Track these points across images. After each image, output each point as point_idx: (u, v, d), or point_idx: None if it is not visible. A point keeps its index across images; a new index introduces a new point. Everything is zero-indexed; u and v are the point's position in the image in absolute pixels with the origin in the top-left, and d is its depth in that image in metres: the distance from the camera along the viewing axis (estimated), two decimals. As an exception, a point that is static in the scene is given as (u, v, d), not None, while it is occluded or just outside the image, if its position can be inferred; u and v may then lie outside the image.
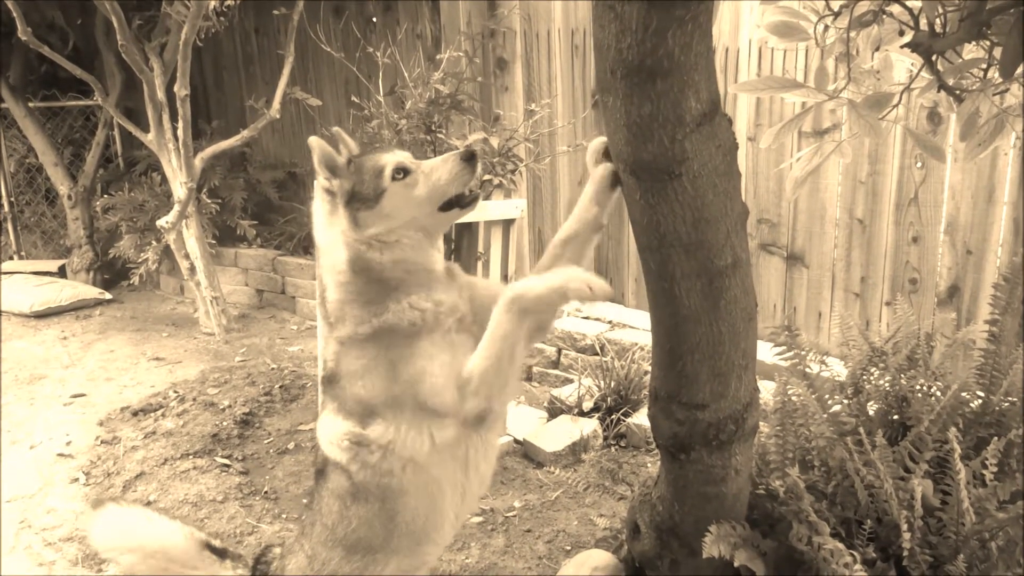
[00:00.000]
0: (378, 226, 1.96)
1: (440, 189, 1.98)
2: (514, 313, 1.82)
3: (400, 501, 1.96)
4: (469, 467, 1.99)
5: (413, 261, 1.98)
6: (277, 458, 4.39)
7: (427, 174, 2.00)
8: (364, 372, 1.94)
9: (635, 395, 4.65)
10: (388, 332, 1.93)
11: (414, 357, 1.91)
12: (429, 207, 1.99)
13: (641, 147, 1.57)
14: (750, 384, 1.92)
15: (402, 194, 1.97)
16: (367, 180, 1.99)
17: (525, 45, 5.84)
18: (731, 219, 1.69)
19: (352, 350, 1.96)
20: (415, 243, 1.99)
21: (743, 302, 1.78)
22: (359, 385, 1.95)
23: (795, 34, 2.39)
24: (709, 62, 1.53)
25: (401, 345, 1.92)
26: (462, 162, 1.99)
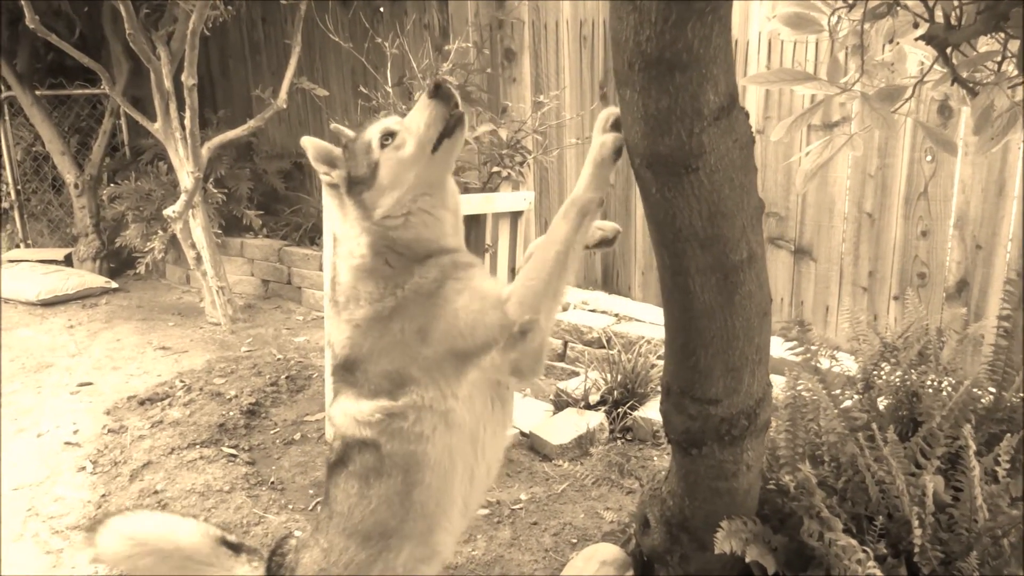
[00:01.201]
0: (384, 202, 1.94)
1: (424, 136, 1.94)
2: (572, 216, 1.84)
3: (420, 473, 1.95)
4: (477, 446, 1.98)
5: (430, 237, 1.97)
6: (283, 448, 4.40)
7: (409, 127, 1.97)
8: (391, 347, 1.92)
9: (641, 388, 4.65)
10: (413, 299, 1.92)
11: (444, 303, 1.90)
12: (423, 156, 1.94)
13: (658, 140, 1.55)
14: (763, 379, 1.92)
15: (394, 159, 1.94)
16: (360, 159, 1.98)
17: (533, 36, 5.81)
18: (747, 213, 1.68)
19: (373, 329, 1.94)
20: (429, 211, 1.97)
21: (758, 297, 1.77)
22: (386, 361, 1.93)
23: (808, 26, 2.37)
24: (728, 55, 1.52)
25: (428, 304, 1.91)
26: (432, 100, 1.95)
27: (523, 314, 1.85)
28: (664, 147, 1.56)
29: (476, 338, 1.88)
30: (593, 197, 1.87)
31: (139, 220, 7.03)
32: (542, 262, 1.87)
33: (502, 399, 2.02)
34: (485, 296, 1.90)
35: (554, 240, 1.87)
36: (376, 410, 1.93)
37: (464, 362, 1.91)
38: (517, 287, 1.89)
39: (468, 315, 1.88)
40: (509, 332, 1.86)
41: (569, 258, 1.87)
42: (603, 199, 1.89)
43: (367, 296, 1.95)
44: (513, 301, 1.87)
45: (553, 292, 1.88)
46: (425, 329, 1.90)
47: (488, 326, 1.87)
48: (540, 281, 1.86)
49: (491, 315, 1.87)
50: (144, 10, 6.42)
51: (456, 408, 1.92)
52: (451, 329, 1.88)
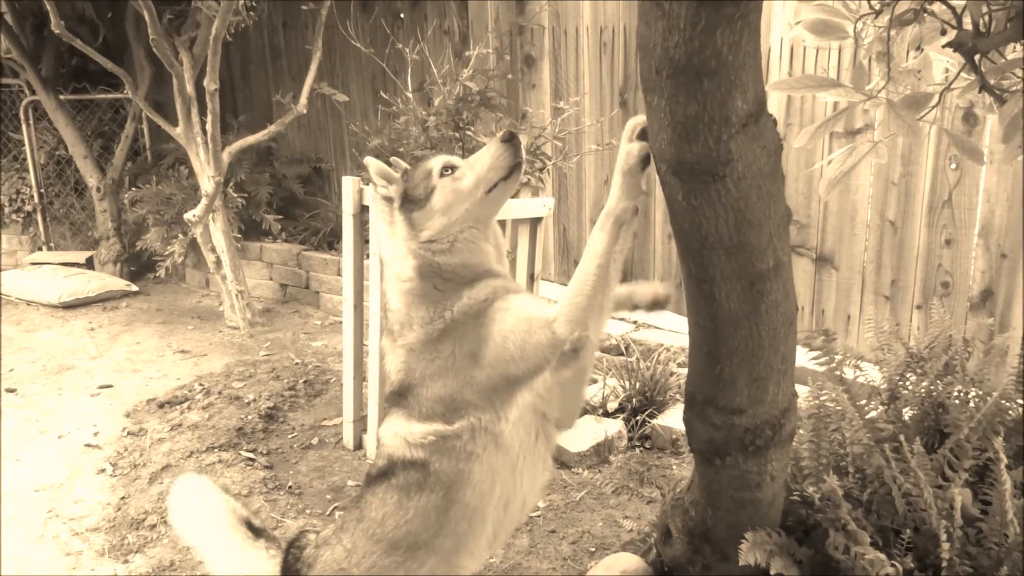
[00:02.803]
0: (432, 225, 2.01)
1: (486, 175, 2.02)
2: (609, 228, 1.86)
3: (461, 491, 1.97)
4: (516, 474, 1.99)
5: (474, 263, 2.02)
6: (301, 453, 4.40)
7: (472, 165, 2.06)
8: (443, 371, 1.95)
9: (660, 396, 4.62)
10: (462, 321, 1.95)
11: (492, 325, 1.92)
12: (478, 194, 2.02)
13: (685, 147, 1.54)
14: (788, 389, 1.89)
15: (451, 188, 2.02)
16: (418, 182, 2.07)
17: (553, 42, 5.81)
18: (774, 222, 1.66)
19: (425, 353, 1.98)
20: (472, 242, 2.02)
21: (784, 306, 1.75)
22: (439, 385, 1.96)
23: (833, 32, 2.35)
24: (757, 61, 1.50)
25: (477, 325, 1.94)
26: (503, 144, 2.03)
27: (572, 331, 1.87)
28: (691, 154, 1.54)
29: (527, 360, 1.90)
30: (627, 206, 1.86)
31: (160, 224, 7.08)
32: (584, 278, 1.88)
33: (546, 435, 2.03)
34: (532, 318, 1.92)
35: (594, 254, 1.88)
36: (429, 433, 1.96)
37: (516, 385, 1.93)
38: (563, 305, 1.90)
39: (517, 337, 1.90)
40: (560, 351, 1.88)
41: (611, 270, 1.88)
42: (637, 207, 1.89)
43: (419, 320, 1.99)
44: (561, 320, 1.88)
45: (599, 306, 1.89)
46: (476, 353, 1.92)
47: (538, 347, 1.89)
48: (585, 296, 1.87)
49: (540, 335, 1.89)
50: (167, 15, 6.48)
51: (507, 431, 1.94)
52: (502, 353, 1.91)
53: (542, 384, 1.92)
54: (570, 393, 2.02)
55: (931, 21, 1.99)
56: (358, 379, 4.37)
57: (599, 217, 1.89)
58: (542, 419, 2.01)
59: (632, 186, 1.85)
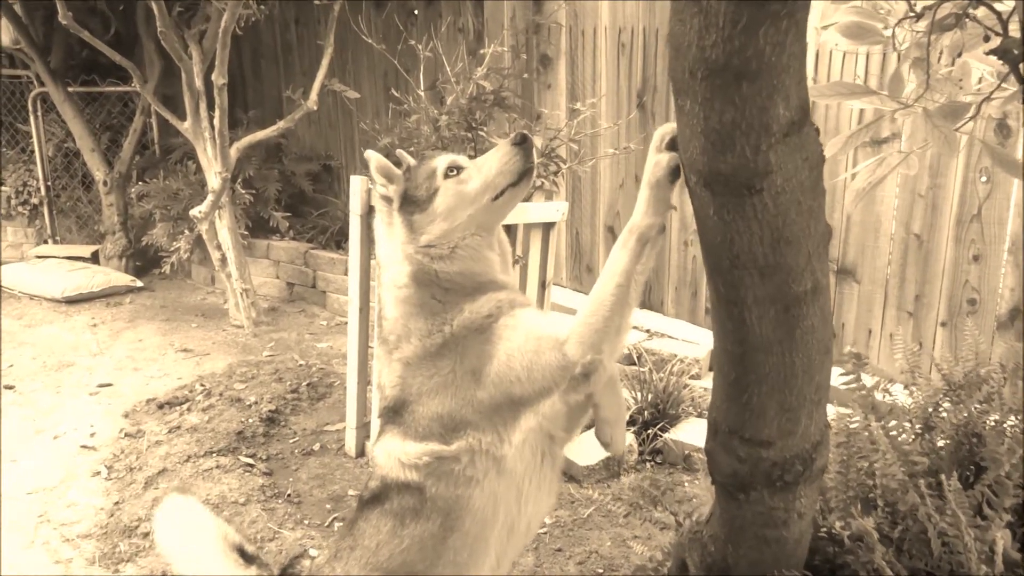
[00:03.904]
0: (433, 229, 1.87)
1: (494, 180, 1.89)
2: (632, 245, 1.72)
3: (460, 519, 1.83)
4: (521, 499, 1.86)
5: (477, 272, 1.88)
6: (302, 459, 4.28)
7: (479, 168, 1.92)
8: (442, 388, 1.81)
9: (673, 409, 4.47)
10: (463, 336, 1.81)
11: (497, 342, 1.79)
12: (483, 200, 1.88)
13: (719, 157, 1.40)
14: (821, 421, 1.75)
15: (455, 191, 1.89)
16: (421, 182, 1.93)
17: (570, 42, 5.67)
18: (814, 240, 1.51)
19: (422, 368, 1.84)
20: (475, 249, 1.88)
21: (820, 332, 1.61)
22: (437, 403, 1.82)
23: (868, 36, 2.21)
24: (802, 64, 1.36)
25: (480, 342, 1.80)
26: (513, 147, 1.89)
27: (584, 354, 1.72)
28: (726, 165, 1.40)
29: (534, 382, 1.75)
30: (653, 222, 1.72)
31: (166, 219, 6.97)
32: (602, 297, 1.74)
33: (552, 457, 1.89)
34: (541, 336, 1.78)
35: (613, 272, 1.74)
36: (425, 454, 1.82)
37: (521, 407, 1.79)
38: (576, 325, 1.76)
39: (523, 357, 1.76)
40: (570, 375, 1.73)
41: (631, 291, 1.74)
42: (664, 224, 1.74)
43: (417, 332, 1.85)
44: (572, 341, 1.74)
45: (616, 329, 1.75)
46: (478, 371, 1.78)
47: (546, 368, 1.74)
48: (601, 318, 1.73)
49: (549, 357, 1.74)
50: (177, 8, 6.37)
51: (509, 455, 1.80)
52: (506, 372, 1.76)
53: (549, 408, 1.78)
54: (579, 415, 1.88)
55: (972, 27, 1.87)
56: (362, 383, 4.24)
57: (621, 233, 1.75)
58: (548, 440, 1.87)
59: (660, 201, 1.70)
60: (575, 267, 6.00)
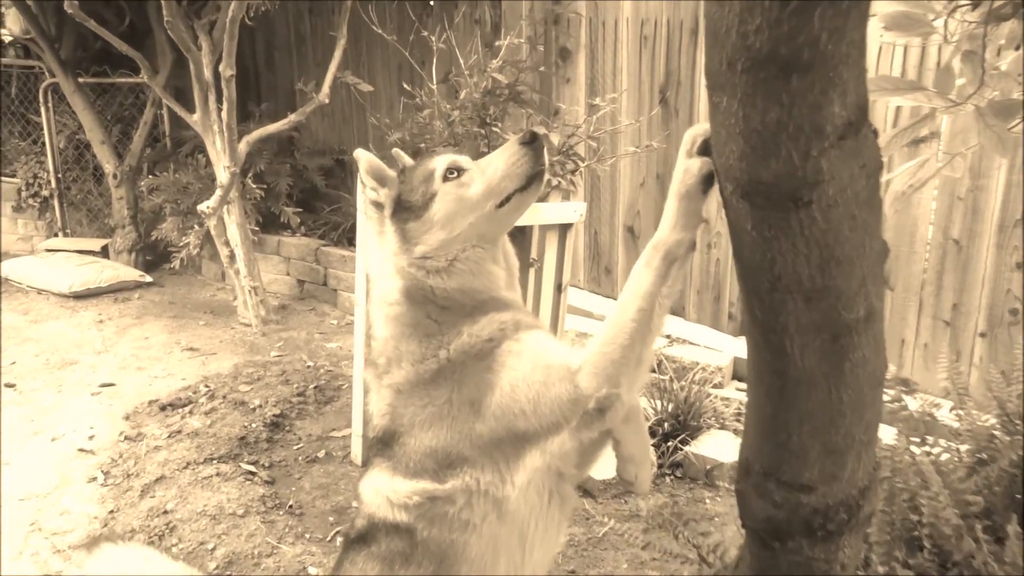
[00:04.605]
0: (429, 239, 1.66)
1: (498, 184, 1.66)
2: (656, 264, 1.50)
3: (456, 567, 1.63)
4: (526, 545, 1.65)
5: (478, 289, 1.67)
6: (305, 467, 4.11)
7: (483, 170, 1.70)
8: (435, 419, 1.61)
9: (695, 421, 4.26)
10: (461, 362, 1.61)
11: (500, 370, 1.58)
12: (486, 206, 1.66)
13: (761, 164, 1.19)
14: (870, 463, 1.54)
15: (455, 195, 1.67)
16: (416, 186, 1.71)
17: (590, 34, 5.45)
18: (868, 260, 1.30)
19: (415, 397, 1.64)
20: (476, 263, 1.67)
21: (873, 364, 1.40)
22: (430, 436, 1.61)
23: (916, 27, 2.00)
24: (862, 55, 1.14)
25: (480, 369, 1.59)
26: (522, 147, 1.67)
27: (599, 388, 1.51)
28: (768, 173, 1.19)
29: (541, 417, 1.54)
30: (681, 239, 1.49)
31: (176, 213, 6.83)
32: (621, 322, 1.52)
33: (562, 496, 1.66)
34: (550, 365, 1.57)
35: (635, 294, 1.51)
36: (415, 492, 1.62)
37: (525, 443, 1.57)
38: (591, 354, 1.54)
39: (530, 388, 1.55)
40: (582, 409, 1.52)
41: (654, 317, 1.51)
42: (694, 240, 1.51)
43: (409, 355, 1.64)
44: (586, 372, 1.53)
45: (636, 359, 1.53)
46: (478, 401, 1.57)
47: (554, 402, 1.53)
48: (619, 346, 1.51)
49: (558, 389, 1.53)
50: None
51: (512, 497, 1.58)
52: (509, 404, 1.55)
53: (558, 446, 1.56)
54: (594, 452, 1.67)
55: (1032, 17, 1.68)
56: (369, 390, 4.06)
57: (645, 249, 1.53)
58: (557, 478, 1.64)
59: (690, 213, 1.48)
60: (593, 268, 5.79)
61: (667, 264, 1.50)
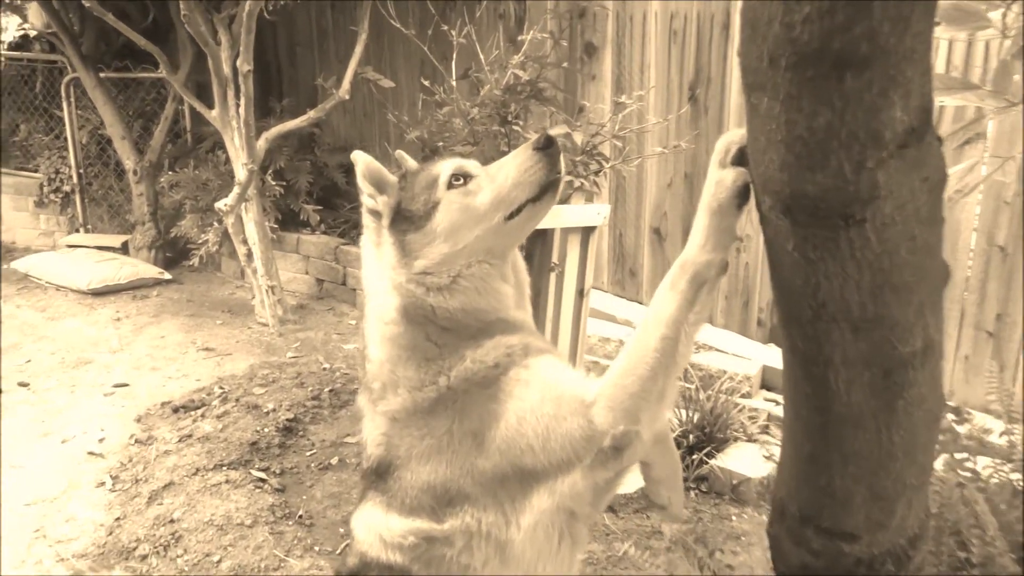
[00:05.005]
0: (430, 253, 1.50)
1: (508, 193, 1.51)
2: (683, 287, 1.33)
3: None
4: None
5: (483, 309, 1.51)
6: (318, 474, 3.99)
7: (492, 177, 1.54)
8: (434, 452, 1.46)
9: (721, 433, 4.08)
10: (463, 390, 1.46)
11: (506, 401, 1.43)
12: (494, 218, 1.51)
13: (806, 176, 1.03)
14: (921, 509, 1.37)
15: (460, 205, 1.51)
16: (418, 194, 1.56)
17: (617, 29, 5.27)
18: (928, 286, 1.14)
19: (412, 427, 1.49)
20: (482, 280, 1.51)
21: (929, 402, 1.23)
22: (428, 471, 1.46)
23: (970, 21, 1.84)
24: (928, 49, 0.98)
25: (484, 398, 1.44)
26: (535, 152, 1.51)
27: (615, 424, 1.36)
28: (815, 186, 1.03)
29: (550, 453, 1.39)
30: (711, 259, 1.32)
31: (195, 210, 6.77)
32: (642, 351, 1.36)
33: (573, 537, 1.49)
34: (561, 396, 1.41)
35: (658, 320, 1.35)
36: (411, 532, 1.47)
37: (533, 482, 1.42)
38: (608, 386, 1.39)
39: (538, 421, 1.39)
40: (597, 447, 1.37)
41: (680, 345, 1.34)
42: (727, 261, 1.34)
43: (406, 381, 1.49)
44: (602, 406, 1.37)
45: (658, 394, 1.36)
46: (481, 434, 1.42)
47: (565, 438, 1.38)
48: (639, 378, 1.35)
49: (570, 423, 1.38)
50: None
51: (516, 540, 1.43)
52: (516, 438, 1.40)
53: (568, 487, 1.40)
54: (609, 489, 1.51)
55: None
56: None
57: (670, 271, 1.36)
58: (569, 518, 1.48)
59: (722, 231, 1.31)
60: (617, 271, 5.61)
61: (695, 287, 1.33)
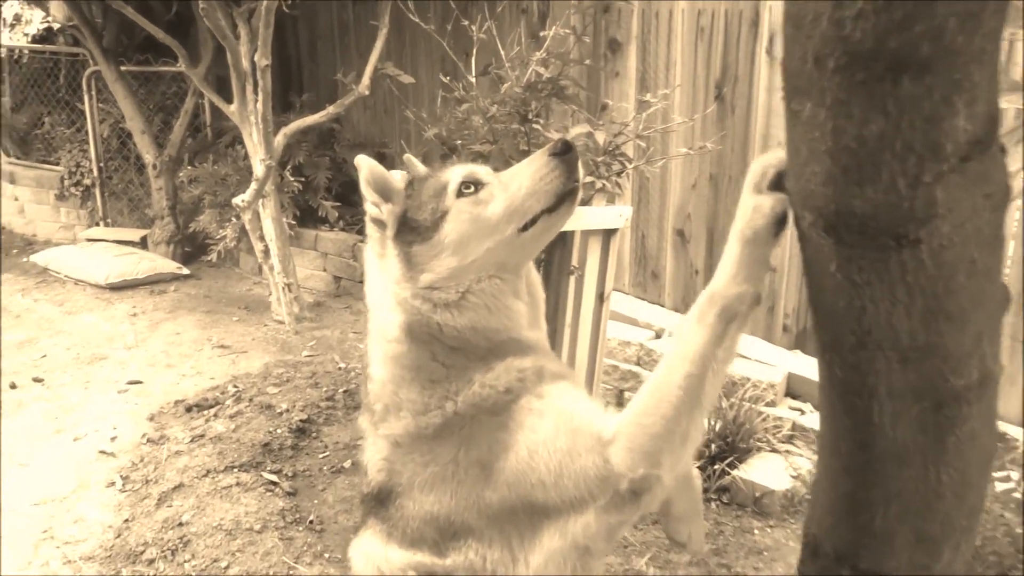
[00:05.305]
0: (438, 267, 1.40)
1: (522, 203, 1.40)
2: (711, 321, 1.22)
3: None
4: None
5: (494, 328, 1.40)
6: (330, 478, 3.92)
7: (505, 185, 1.43)
8: (438, 481, 1.36)
9: (744, 443, 3.96)
10: (471, 416, 1.36)
11: (517, 431, 1.33)
12: (507, 230, 1.40)
13: (854, 190, 0.92)
14: (968, 552, 1.26)
15: (470, 215, 1.41)
16: (425, 202, 1.46)
17: (642, 25, 5.14)
18: (986, 313, 1.03)
19: (415, 453, 1.39)
20: (493, 296, 1.40)
21: (983, 439, 1.12)
22: (431, 501, 1.37)
23: (1018, 19, 1.75)
24: (997, 50, 0.87)
25: (493, 426, 1.34)
26: (552, 158, 1.41)
27: (635, 467, 1.25)
28: (864, 202, 0.92)
29: (562, 491, 1.28)
30: (743, 292, 1.21)
31: (214, 205, 6.71)
32: (665, 389, 1.25)
33: (586, 571, 1.38)
34: (577, 429, 1.30)
35: (684, 356, 1.24)
36: (411, 566, 1.38)
37: (543, 518, 1.31)
38: (628, 424, 1.28)
39: (551, 456, 1.29)
40: (613, 489, 1.26)
41: (706, 384, 1.23)
42: (759, 295, 1.23)
43: (410, 405, 1.39)
44: (620, 445, 1.26)
45: (682, 435, 1.25)
46: (489, 464, 1.32)
47: (579, 476, 1.27)
48: (661, 418, 1.24)
49: (585, 461, 1.27)
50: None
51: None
52: (526, 471, 1.30)
53: (581, 527, 1.29)
54: (624, 527, 1.40)
55: None
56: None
57: (697, 302, 1.25)
58: (582, 554, 1.35)
59: (755, 262, 1.20)
60: (639, 273, 5.49)
61: (724, 322, 1.21)
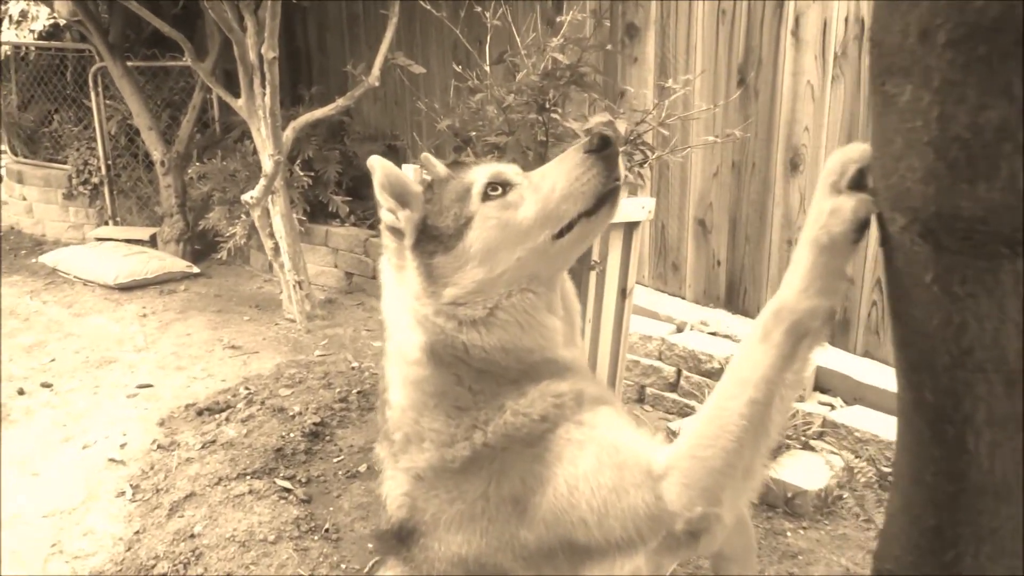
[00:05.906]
0: (462, 280, 1.25)
1: (556, 207, 1.24)
2: (778, 339, 1.06)
3: None
4: None
5: (526, 347, 1.25)
6: (345, 483, 3.80)
7: (537, 186, 1.27)
8: (466, 520, 1.22)
9: (774, 441, 3.81)
10: (502, 448, 1.21)
11: (555, 463, 1.18)
12: (540, 237, 1.24)
13: (962, 189, 0.77)
14: (1068, 593, 1.12)
15: (498, 220, 1.25)
16: (447, 207, 1.30)
17: (661, 9, 4.97)
18: (1109, 330, 0.88)
19: (440, 489, 1.25)
20: (526, 312, 1.24)
21: (1095, 472, 0.98)
22: (458, 541, 1.22)
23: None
24: None
25: (528, 458, 1.20)
26: (588, 155, 1.25)
27: (691, 505, 1.10)
28: (974, 202, 0.77)
29: (607, 532, 1.13)
30: (815, 306, 1.05)
31: (223, 202, 6.61)
32: (726, 417, 1.10)
33: None
34: (624, 463, 1.15)
35: (746, 380, 1.08)
36: None
37: (586, 560, 1.17)
38: (682, 456, 1.13)
39: (594, 493, 1.14)
40: (666, 530, 1.11)
41: (773, 412, 1.08)
42: (834, 310, 1.06)
43: (433, 435, 1.25)
44: (674, 481, 1.12)
45: (745, 469, 1.10)
46: (523, 500, 1.17)
47: (627, 516, 1.12)
48: (721, 450, 1.09)
49: (634, 499, 1.12)
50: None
51: None
52: (566, 509, 1.15)
53: (630, 572, 1.15)
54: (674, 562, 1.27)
55: None
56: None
57: (760, 317, 1.10)
58: None
59: (831, 272, 1.03)
60: (659, 264, 5.34)
61: (793, 340, 1.06)
